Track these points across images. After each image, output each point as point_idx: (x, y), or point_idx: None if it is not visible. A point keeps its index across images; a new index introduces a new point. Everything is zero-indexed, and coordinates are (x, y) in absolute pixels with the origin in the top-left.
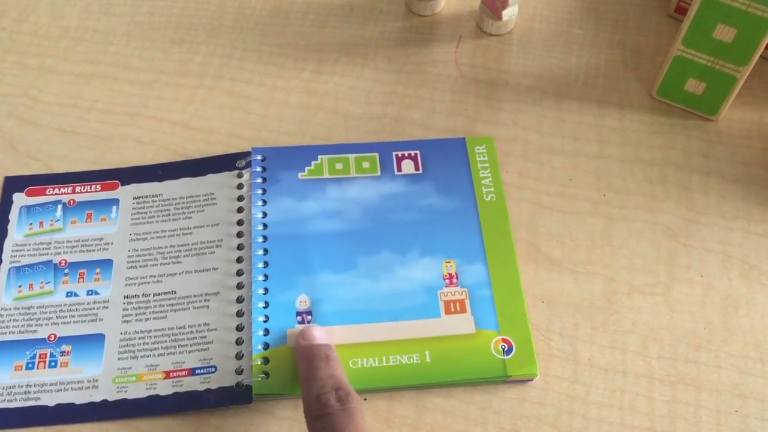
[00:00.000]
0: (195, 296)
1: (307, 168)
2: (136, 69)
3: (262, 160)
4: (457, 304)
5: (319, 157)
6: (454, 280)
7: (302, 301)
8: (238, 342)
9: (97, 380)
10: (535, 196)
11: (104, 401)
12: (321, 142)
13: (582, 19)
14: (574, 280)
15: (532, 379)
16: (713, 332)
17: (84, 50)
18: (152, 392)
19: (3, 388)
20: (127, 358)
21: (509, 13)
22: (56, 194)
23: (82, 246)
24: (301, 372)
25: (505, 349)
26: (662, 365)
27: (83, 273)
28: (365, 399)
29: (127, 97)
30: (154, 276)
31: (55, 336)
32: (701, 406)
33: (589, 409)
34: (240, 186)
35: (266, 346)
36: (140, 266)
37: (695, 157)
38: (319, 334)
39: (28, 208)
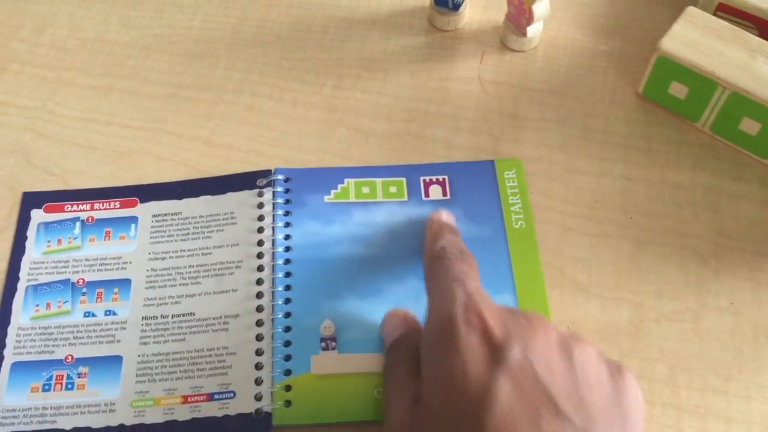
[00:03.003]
0: (214, 318)
1: (333, 191)
2: (155, 83)
3: (285, 181)
4: None
5: (346, 180)
6: None
7: (327, 327)
8: (258, 367)
9: (114, 404)
10: (561, 218)
11: (121, 426)
12: (342, 159)
13: (608, 36)
14: (600, 306)
15: None
16: (743, 362)
17: (102, 63)
18: (170, 417)
19: (19, 411)
20: (144, 381)
21: (534, 29)
22: (75, 211)
23: (101, 265)
24: (428, 237)
25: None
26: (691, 395)
27: (101, 292)
28: None
29: (145, 111)
30: (173, 297)
31: (72, 357)
32: None
33: None
34: (261, 205)
35: (288, 372)
36: (159, 286)
37: (724, 179)
38: (450, 219)
39: (47, 225)
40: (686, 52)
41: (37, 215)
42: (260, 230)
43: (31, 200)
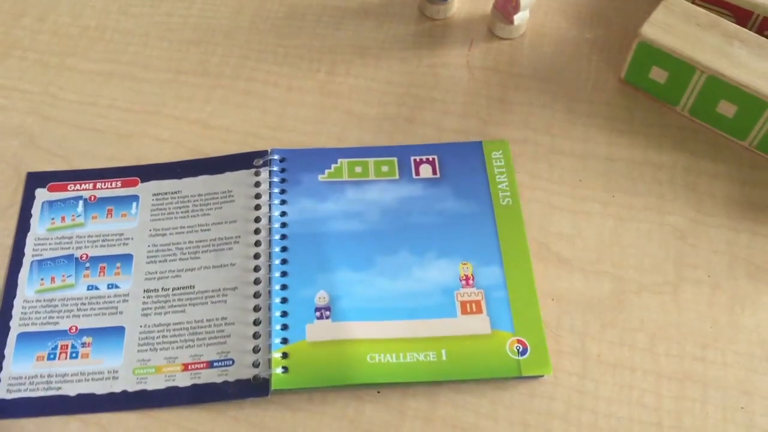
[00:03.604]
0: (213, 291)
1: (327, 170)
2: (155, 68)
3: (281, 161)
4: (473, 304)
5: (339, 160)
6: (471, 282)
7: (321, 297)
8: (255, 336)
9: (117, 371)
10: (546, 196)
11: (124, 392)
12: (335, 141)
13: (592, 25)
14: (583, 279)
15: (542, 375)
16: (720, 331)
17: (103, 49)
18: (171, 384)
19: (25, 378)
20: (146, 350)
21: (520, 18)
22: (77, 190)
23: (103, 241)
24: None
25: (520, 350)
26: (670, 362)
27: (104, 267)
28: (378, 392)
29: (145, 95)
30: (173, 271)
31: (77, 328)
32: (708, 403)
33: (598, 404)
34: (257, 184)
35: (285, 341)
36: (159, 261)
37: (702, 160)
38: None
39: (50, 203)
40: (666, 38)
41: (41, 194)
42: (257, 208)
43: (35, 180)
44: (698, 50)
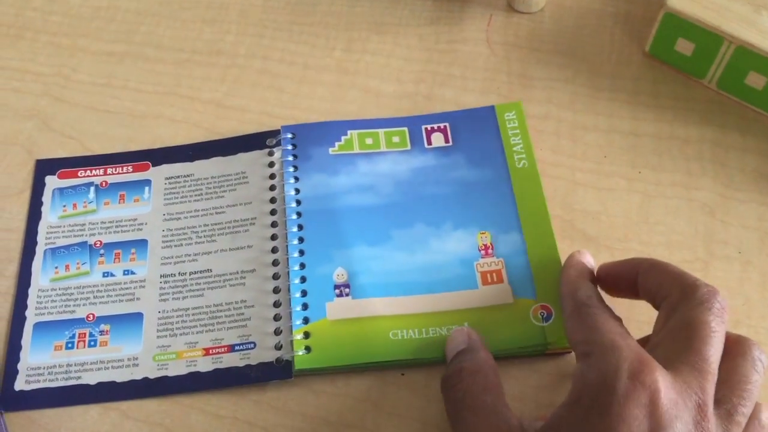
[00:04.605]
0: (231, 274)
1: (337, 143)
2: (168, 48)
3: (292, 138)
4: (494, 274)
5: (349, 132)
6: (490, 251)
7: (339, 275)
8: (276, 318)
9: (137, 358)
10: (569, 173)
11: (145, 379)
12: (353, 119)
13: None
14: (610, 256)
15: (570, 352)
16: (752, 308)
17: (115, 30)
18: (193, 369)
19: (44, 368)
20: (166, 336)
21: None
22: (88, 176)
23: (117, 227)
24: (567, 280)
25: (544, 316)
26: None
27: (119, 253)
28: (402, 374)
29: (159, 76)
30: (190, 255)
31: (94, 316)
32: None
33: None
34: (271, 164)
35: (306, 320)
36: (175, 245)
37: (731, 133)
38: (590, 262)
39: (61, 191)
40: (692, 8)
41: (52, 181)
42: (272, 188)
43: (45, 167)
44: (726, 20)
